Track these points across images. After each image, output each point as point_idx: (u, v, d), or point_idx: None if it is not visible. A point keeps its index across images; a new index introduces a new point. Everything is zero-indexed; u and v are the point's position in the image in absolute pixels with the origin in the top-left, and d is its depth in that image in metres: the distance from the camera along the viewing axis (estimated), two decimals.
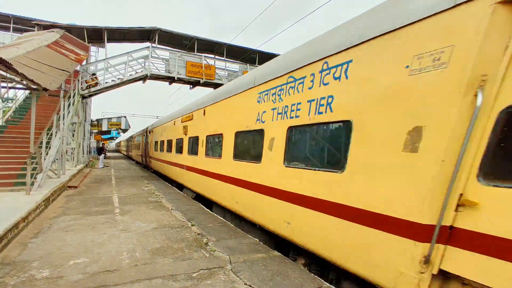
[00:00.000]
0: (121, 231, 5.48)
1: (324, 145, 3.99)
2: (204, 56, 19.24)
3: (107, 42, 17.45)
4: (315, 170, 3.91)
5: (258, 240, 5.30)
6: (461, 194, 2.38)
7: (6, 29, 17.91)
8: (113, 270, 3.74)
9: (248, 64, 21.34)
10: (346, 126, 3.47)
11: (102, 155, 21.36)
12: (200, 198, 9.08)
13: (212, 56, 20.67)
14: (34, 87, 7.11)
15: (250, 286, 3.42)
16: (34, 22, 15.35)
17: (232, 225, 6.33)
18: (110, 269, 3.75)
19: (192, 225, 6.06)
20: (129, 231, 5.46)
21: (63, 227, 5.65)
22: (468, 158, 2.35)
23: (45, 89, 7.21)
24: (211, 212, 7.56)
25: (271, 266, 4.07)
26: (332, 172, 3.59)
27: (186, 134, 10.39)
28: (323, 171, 3.76)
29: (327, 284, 3.53)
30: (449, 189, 2.38)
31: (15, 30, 17.76)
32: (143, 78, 17.20)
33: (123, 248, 4.54)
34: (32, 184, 7.98)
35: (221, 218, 6.90)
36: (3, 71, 5.54)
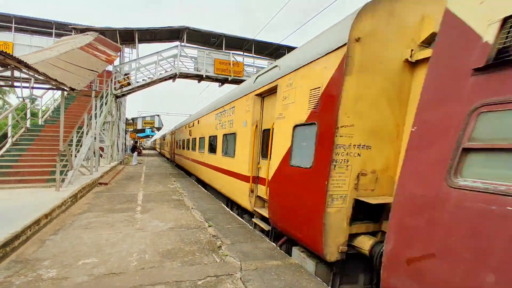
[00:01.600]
0: (137, 230, 5.42)
1: None
2: (232, 53, 19.19)
3: (139, 43, 17.95)
4: None
5: (275, 245, 4.97)
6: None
7: (49, 34, 19.10)
8: (118, 273, 3.61)
9: (277, 60, 20.95)
10: None
11: (136, 153, 22.13)
12: None
13: (241, 53, 20.51)
14: (62, 87, 7.31)
15: None
16: (71, 27, 16.18)
17: (250, 227, 6.05)
18: (116, 272, 3.63)
19: (209, 226, 5.87)
20: (145, 231, 5.38)
21: (84, 224, 5.72)
22: None
23: (72, 89, 7.40)
24: (231, 212, 7.35)
25: (285, 275, 3.73)
26: None
27: None
28: None
29: None
30: None
31: (57, 35, 18.86)
32: (173, 77, 17.48)
33: (134, 249, 4.43)
34: (63, 180, 8.31)
35: (241, 219, 6.65)
36: (26, 71, 5.70)
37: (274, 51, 21.24)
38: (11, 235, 4.19)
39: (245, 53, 20.62)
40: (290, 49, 20.69)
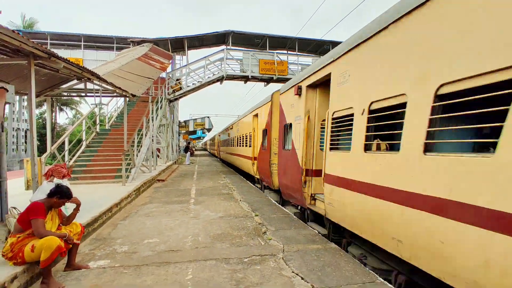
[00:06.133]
0: (191, 218, 6.04)
1: None
2: (276, 52, 19.53)
3: (188, 49, 19.22)
4: None
5: (317, 231, 5.19)
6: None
7: (111, 48, 21.34)
8: (176, 250, 4.18)
9: (321, 56, 20.75)
10: None
11: (189, 153, 23.64)
12: None
13: (284, 51, 20.75)
14: (125, 94, 8.31)
15: (297, 274, 3.41)
16: (129, 40, 17.95)
17: (295, 217, 6.33)
18: (174, 249, 4.20)
19: (256, 215, 6.28)
20: (197, 219, 5.98)
21: (146, 213, 6.52)
22: None
23: (133, 95, 8.37)
24: (277, 204, 7.70)
25: (324, 257, 3.96)
26: None
27: None
28: None
29: (381, 279, 3.26)
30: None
31: (117, 48, 21.00)
32: (220, 79, 18.38)
33: (189, 233, 5.01)
34: (127, 177, 9.41)
35: (285, 210, 6.96)
36: (97, 82, 6.67)
37: (317, 47, 21.08)
38: (91, 218, 5.03)
39: (289, 52, 20.81)
40: (334, 44, 20.34)
